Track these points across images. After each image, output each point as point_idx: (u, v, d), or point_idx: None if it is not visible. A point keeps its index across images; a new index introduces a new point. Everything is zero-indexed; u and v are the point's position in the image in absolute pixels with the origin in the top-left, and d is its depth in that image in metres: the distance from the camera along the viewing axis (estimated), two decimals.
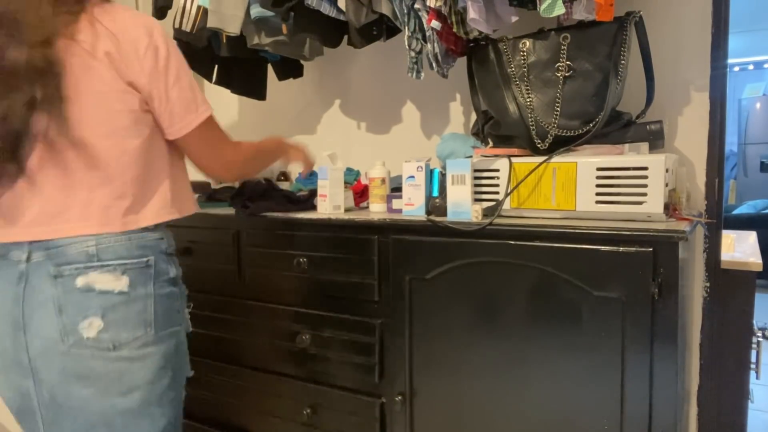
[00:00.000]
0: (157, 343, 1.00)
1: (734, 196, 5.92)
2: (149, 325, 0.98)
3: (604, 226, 1.11)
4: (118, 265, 0.96)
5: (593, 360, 1.13)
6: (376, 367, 1.40)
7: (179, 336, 1.05)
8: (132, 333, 0.96)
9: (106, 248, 0.95)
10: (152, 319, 0.99)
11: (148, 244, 1.00)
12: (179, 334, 1.05)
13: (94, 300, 0.94)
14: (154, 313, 0.99)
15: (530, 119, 1.31)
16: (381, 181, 1.51)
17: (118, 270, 0.95)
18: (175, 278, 1.06)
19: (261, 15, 1.59)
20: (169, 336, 1.02)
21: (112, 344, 0.95)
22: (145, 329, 0.98)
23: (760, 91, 6.11)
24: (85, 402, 0.95)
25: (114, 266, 0.95)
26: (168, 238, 1.06)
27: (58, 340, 0.93)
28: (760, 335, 1.60)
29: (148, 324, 0.98)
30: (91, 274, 0.94)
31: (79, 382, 0.95)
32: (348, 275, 1.42)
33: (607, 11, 1.19)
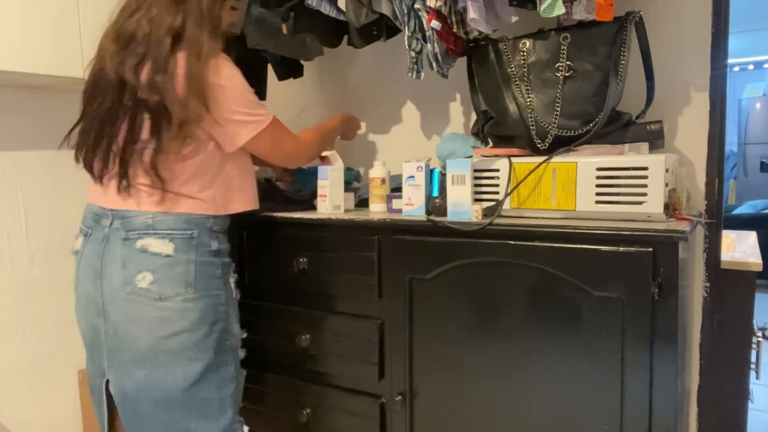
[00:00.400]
0: (196, 301, 1.21)
1: (734, 196, 5.92)
2: (190, 285, 1.20)
3: (604, 226, 1.11)
4: (166, 233, 1.20)
5: (593, 360, 1.13)
6: (376, 367, 1.40)
7: (218, 299, 1.25)
8: (175, 289, 1.19)
9: (160, 221, 1.20)
10: (192, 281, 1.21)
11: (194, 220, 1.23)
12: (218, 297, 1.25)
13: (147, 259, 1.18)
14: (194, 276, 1.21)
15: (530, 119, 1.31)
16: (381, 181, 1.51)
17: (167, 237, 1.20)
18: (218, 251, 1.27)
19: (261, 15, 1.59)
20: (208, 296, 1.23)
21: (159, 295, 1.18)
22: (185, 287, 1.20)
23: (760, 91, 6.11)
24: (138, 339, 1.19)
25: (163, 234, 1.20)
26: (217, 219, 1.27)
27: (120, 287, 1.19)
28: (760, 335, 1.60)
29: (189, 284, 1.20)
30: (146, 238, 1.19)
31: (134, 323, 1.19)
32: (348, 275, 1.42)
33: (607, 11, 1.19)
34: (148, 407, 1.22)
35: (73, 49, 1.61)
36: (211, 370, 1.23)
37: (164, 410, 1.22)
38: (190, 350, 1.20)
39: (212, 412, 1.25)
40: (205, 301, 1.22)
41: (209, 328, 1.23)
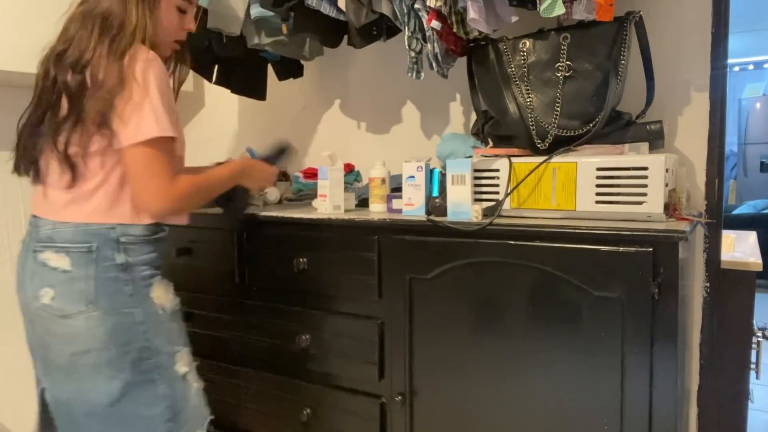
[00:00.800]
0: (100, 319, 1.12)
1: (734, 196, 5.92)
2: (91, 302, 1.12)
3: (604, 226, 1.11)
4: (62, 247, 1.13)
5: (593, 360, 1.13)
6: (376, 367, 1.40)
7: (131, 317, 1.15)
8: (75, 306, 1.12)
9: (59, 232, 1.13)
10: (93, 297, 1.12)
11: (93, 232, 1.13)
12: (131, 315, 1.15)
13: (48, 274, 1.13)
14: (95, 293, 1.12)
15: (530, 119, 1.31)
16: (381, 181, 1.51)
17: (62, 251, 1.12)
18: (125, 265, 1.15)
19: (261, 15, 1.59)
20: (115, 315, 1.13)
21: (60, 312, 1.12)
22: (86, 305, 1.12)
23: (760, 91, 6.11)
24: (57, 353, 1.15)
25: (59, 248, 1.13)
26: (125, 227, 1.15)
27: (30, 302, 1.15)
28: (760, 335, 1.60)
29: (90, 301, 1.12)
30: (47, 252, 1.13)
31: (50, 337, 1.15)
32: (348, 275, 1.42)
33: (607, 11, 1.19)
34: (80, 417, 1.17)
35: None
36: (133, 388, 1.16)
37: (96, 422, 1.17)
38: (106, 368, 1.13)
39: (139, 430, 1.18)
40: (112, 320, 1.13)
41: (121, 348, 1.14)
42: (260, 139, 2.20)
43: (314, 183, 1.79)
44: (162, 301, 1.21)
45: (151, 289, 1.19)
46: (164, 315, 1.21)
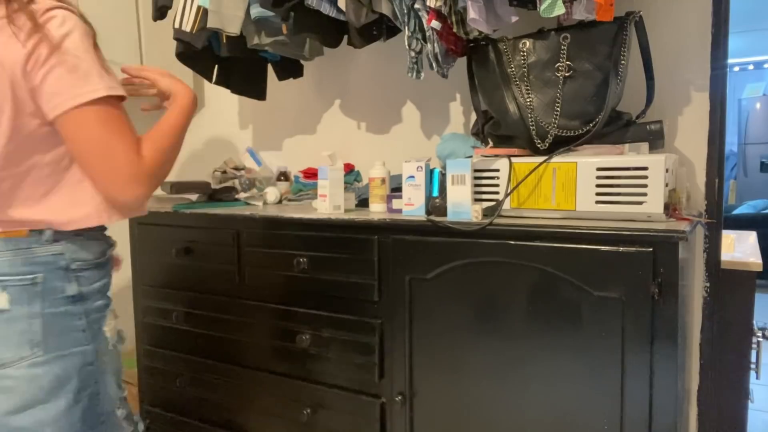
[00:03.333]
0: (49, 364, 0.94)
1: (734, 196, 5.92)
2: (36, 345, 0.93)
3: (604, 226, 1.12)
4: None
5: (593, 360, 1.13)
6: (376, 367, 1.40)
7: (84, 357, 0.98)
8: (16, 352, 0.92)
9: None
10: (40, 339, 0.93)
11: (37, 260, 0.93)
12: (85, 355, 0.98)
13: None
14: (42, 333, 0.93)
15: (530, 119, 1.31)
16: (381, 181, 1.51)
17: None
18: (78, 296, 0.98)
19: (261, 15, 1.59)
20: (64, 358, 0.96)
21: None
22: (31, 349, 0.93)
23: (760, 91, 6.11)
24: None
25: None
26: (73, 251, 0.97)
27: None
28: (760, 335, 1.60)
29: (35, 344, 0.93)
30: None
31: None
32: (348, 275, 1.42)
33: (607, 11, 1.19)
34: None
35: None
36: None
37: None
38: (49, 427, 0.94)
39: None
40: (61, 364, 0.95)
41: (73, 397, 0.96)
42: (260, 139, 2.20)
43: (314, 183, 1.79)
44: (112, 335, 1.04)
45: (105, 322, 1.02)
46: (114, 352, 1.05)
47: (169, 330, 1.76)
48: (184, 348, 1.73)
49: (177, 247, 1.68)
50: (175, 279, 1.70)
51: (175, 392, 1.77)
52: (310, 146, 2.10)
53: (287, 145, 2.15)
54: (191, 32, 1.69)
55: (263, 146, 2.20)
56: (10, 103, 0.87)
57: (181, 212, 1.67)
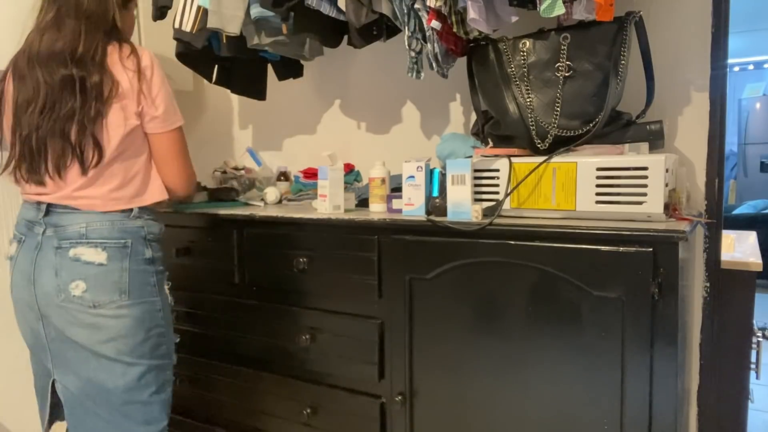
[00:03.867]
0: (130, 308, 1.24)
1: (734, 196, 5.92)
2: (124, 292, 1.23)
3: (604, 226, 1.12)
4: (99, 242, 1.22)
5: (593, 360, 1.13)
6: (376, 367, 1.40)
7: (154, 305, 1.28)
8: (109, 296, 1.22)
9: (93, 230, 1.22)
10: (126, 288, 1.23)
11: (127, 229, 1.25)
12: (154, 304, 1.28)
13: (79, 268, 1.21)
14: (128, 284, 1.23)
15: (530, 119, 1.31)
16: (381, 181, 1.51)
17: (100, 246, 1.22)
18: (151, 259, 1.29)
19: (261, 15, 1.59)
20: (142, 304, 1.25)
21: (92, 303, 1.21)
22: (119, 295, 1.22)
23: (760, 91, 6.11)
24: (77, 343, 1.23)
25: (96, 243, 1.22)
26: (149, 226, 1.30)
27: (54, 295, 1.21)
28: (760, 335, 1.60)
29: (123, 291, 1.23)
30: (79, 247, 1.21)
31: (73, 327, 1.22)
32: (348, 275, 1.42)
33: (607, 11, 1.19)
34: (92, 407, 1.25)
35: None
36: (150, 374, 1.27)
37: (107, 411, 1.25)
38: (128, 355, 1.24)
39: (154, 415, 1.28)
40: (140, 308, 1.25)
41: (146, 334, 1.26)
42: (260, 139, 2.20)
43: (314, 183, 1.79)
44: (168, 294, 1.35)
45: (165, 282, 1.34)
46: (171, 306, 1.35)
47: None
48: (184, 348, 1.73)
49: (177, 246, 1.68)
50: (175, 279, 1.70)
51: (175, 392, 1.77)
52: (310, 146, 2.10)
53: (287, 145, 2.15)
54: (191, 32, 1.69)
55: (263, 146, 2.20)
56: None
57: (181, 212, 1.67)
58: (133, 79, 1.22)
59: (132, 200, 1.27)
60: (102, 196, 1.23)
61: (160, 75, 1.26)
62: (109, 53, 1.22)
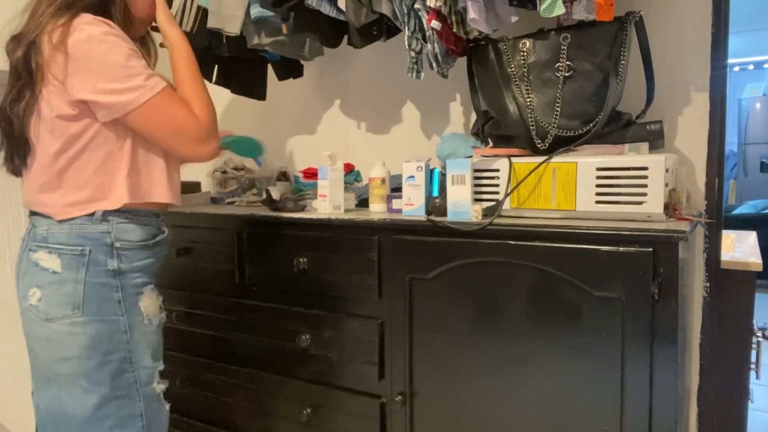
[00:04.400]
0: (84, 326, 1.08)
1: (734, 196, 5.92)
2: (77, 307, 1.08)
3: (604, 226, 1.12)
4: (55, 248, 1.09)
5: (593, 360, 1.13)
6: (376, 367, 1.40)
7: (116, 325, 1.11)
8: (61, 310, 1.08)
9: (53, 233, 1.09)
10: (80, 303, 1.08)
11: (87, 235, 1.09)
12: (116, 324, 1.11)
13: (38, 274, 1.09)
14: (83, 298, 1.08)
15: (530, 119, 1.31)
16: (381, 181, 1.51)
17: (55, 252, 1.09)
18: (116, 271, 1.11)
19: (261, 15, 1.59)
20: (99, 322, 1.09)
21: (45, 315, 1.08)
22: (72, 309, 1.08)
23: (760, 91, 6.11)
24: (38, 358, 1.12)
25: (52, 248, 1.09)
26: (120, 231, 1.12)
27: (20, 301, 1.13)
28: (760, 335, 1.60)
29: (76, 306, 1.08)
30: (39, 251, 1.10)
31: (34, 340, 1.12)
32: (348, 275, 1.42)
33: (607, 11, 1.19)
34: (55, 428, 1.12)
35: None
36: (109, 405, 1.10)
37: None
38: (82, 379, 1.08)
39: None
40: (95, 328, 1.08)
41: (102, 358, 1.09)
42: (260, 139, 2.20)
43: (314, 183, 1.79)
44: (150, 312, 1.17)
45: (141, 298, 1.15)
46: (150, 327, 1.17)
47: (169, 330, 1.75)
48: (184, 348, 1.73)
49: (177, 246, 1.68)
50: (175, 279, 1.70)
51: (175, 392, 1.77)
52: (310, 146, 2.10)
53: (287, 145, 2.15)
54: (191, 32, 1.69)
55: None
56: None
57: (181, 212, 1.67)
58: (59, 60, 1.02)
59: (91, 204, 1.10)
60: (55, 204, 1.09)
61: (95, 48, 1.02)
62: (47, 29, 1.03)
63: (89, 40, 1.02)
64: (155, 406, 1.17)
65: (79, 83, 1.03)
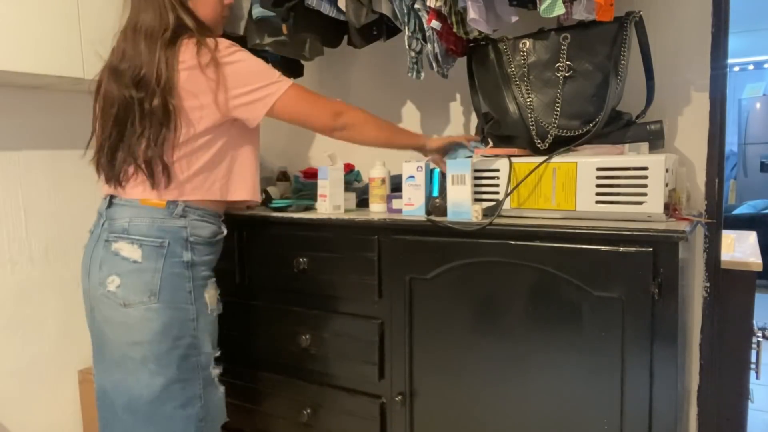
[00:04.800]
0: (158, 311, 1.18)
1: (734, 196, 5.92)
2: (154, 294, 1.18)
3: (604, 226, 1.11)
4: (137, 239, 1.19)
5: (593, 360, 1.13)
6: (376, 367, 1.40)
7: (186, 313, 1.22)
8: (139, 297, 1.18)
9: (135, 225, 1.20)
10: (157, 290, 1.18)
11: (167, 228, 1.20)
12: (186, 312, 1.22)
13: (118, 263, 1.18)
14: (159, 286, 1.18)
15: (530, 119, 1.31)
16: (381, 181, 1.51)
17: (136, 243, 1.19)
18: (190, 263, 1.23)
19: (261, 15, 1.59)
20: (172, 309, 1.20)
21: (123, 301, 1.18)
22: (149, 296, 1.18)
23: (760, 91, 6.11)
24: (111, 341, 1.21)
25: (134, 239, 1.19)
26: (195, 227, 1.24)
27: (97, 287, 1.21)
28: (760, 335, 1.60)
29: (153, 293, 1.18)
30: (120, 242, 1.19)
31: (108, 325, 1.20)
32: (348, 275, 1.42)
33: (607, 11, 1.19)
34: (119, 410, 1.22)
35: (73, 49, 1.61)
36: (174, 386, 1.21)
37: (131, 417, 1.21)
38: (152, 363, 1.18)
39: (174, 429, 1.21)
40: (169, 314, 1.19)
41: (173, 342, 1.20)
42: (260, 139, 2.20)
43: (314, 183, 1.79)
44: (212, 303, 1.28)
45: (206, 290, 1.27)
46: (211, 316, 1.28)
47: None
48: None
49: None
50: None
51: None
52: (310, 146, 2.10)
53: (287, 145, 2.15)
54: None
55: (263, 146, 2.19)
56: None
57: None
58: (212, 78, 1.19)
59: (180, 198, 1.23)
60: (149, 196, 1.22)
61: (241, 60, 1.22)
62: (181, 58, 1.19)
63: (235, 53, 1.24)
64: (211, 388, 1.28)
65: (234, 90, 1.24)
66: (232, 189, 1.30)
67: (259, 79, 1.24)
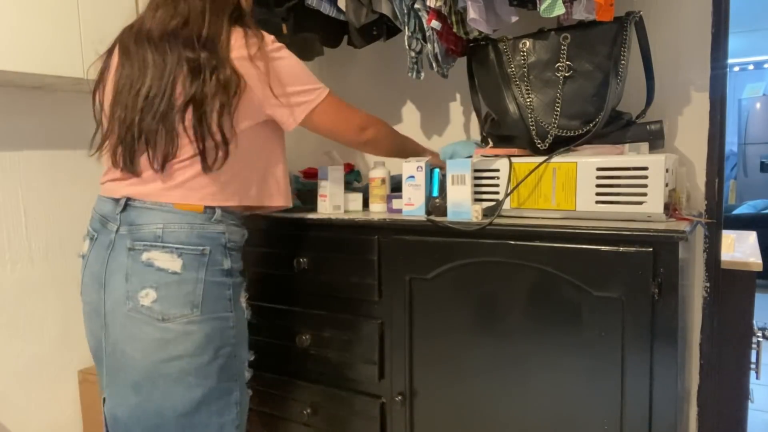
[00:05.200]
0: (201, 324, 1.10)
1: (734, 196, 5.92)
2: (196, 306, 1.10)
3: (604, 226, 1.11)
4: (175, 248, 1.09)
5: (593, 360, 1.13)
6: (376, 367, 1.40)
7: (226, 321, 1.15)
8: (180, 310, 1.08)
9: (170, 232, 1.09)
10: (199, 302, 1.10)
11: (207, 235, 1.12)
12: (227, 320, 1.15)
13: (153, 274, 1.08)
14: (202, 297, 1.10)
15: (530, 119, 1.31)
16: (381, 181, 1.51)
17: (176, 252, 1.09)
18: (230, 270, 1.16)
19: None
20: (214, 320, 1.12)
21: (161, 315, 1.08)
22: (191, 309, 1.09)
23: (760, 91, 6.11)
24: (135, 361, 1.09)
25: (172, 248, 1.09)
26: (231, 233, 1.17)
27: (122, 302, 1.08)
28: (760, 335, 1.60)
29: (195, 305, 1.10)
30: (153, 251, 1.08)
31: (132, 343, 1.08)
32: (348, 275, 1.42)
33: (607, 11, 1.19)
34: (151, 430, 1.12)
35: (73, 49, 1.61)
36: (212, 396, 1.14)
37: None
38: (191, 376, 1.10)
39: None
40: (211, 324, 1.12)
41: (214, 353, 1.13)
42: None
43: (314, 183, 1.79)
44: (245, 307, 1.23)
45: (242, 294, 1.22)
46: (245, 322, 1.23)
47: None
48: None
49: None
50: None
51: None
52: (310, 146, 2.10)
53: (287, 145, 2.15)
54: None
55: None
56: None
57: None
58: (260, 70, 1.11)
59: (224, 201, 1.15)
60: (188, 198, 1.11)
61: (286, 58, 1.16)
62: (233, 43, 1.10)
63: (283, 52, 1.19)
64: (245, 393, 1.24)
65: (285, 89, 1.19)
66: (268, 194, 1.24)
67: (302, 81, 1.18)
